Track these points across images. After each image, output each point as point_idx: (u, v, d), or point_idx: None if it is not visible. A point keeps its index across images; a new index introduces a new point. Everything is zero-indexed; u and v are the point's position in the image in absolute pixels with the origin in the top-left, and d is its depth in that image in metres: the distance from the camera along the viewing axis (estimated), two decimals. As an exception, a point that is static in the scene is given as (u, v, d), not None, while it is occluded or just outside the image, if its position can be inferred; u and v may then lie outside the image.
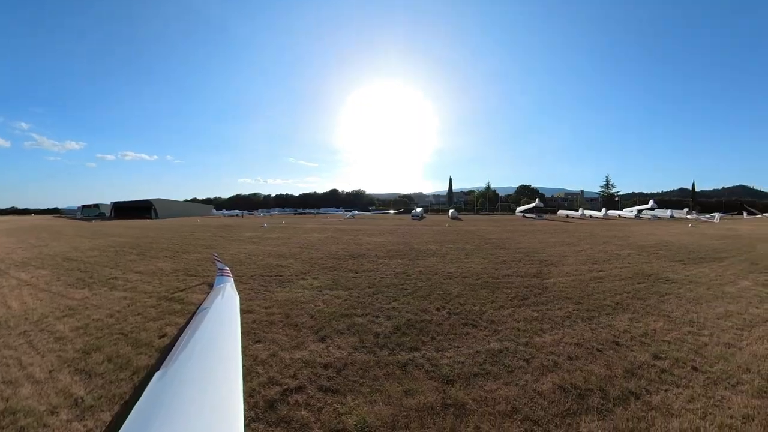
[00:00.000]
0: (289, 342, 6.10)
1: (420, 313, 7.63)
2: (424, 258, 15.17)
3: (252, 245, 20.28)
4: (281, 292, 9.39)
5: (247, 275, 11.48)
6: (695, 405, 4.35)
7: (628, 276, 11.86)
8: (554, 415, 4.09)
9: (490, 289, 9.72)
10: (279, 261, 14.36)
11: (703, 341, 6.37)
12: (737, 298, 9.42)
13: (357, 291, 9.46)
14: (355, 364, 5.28)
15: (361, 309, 7.92)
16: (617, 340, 6.32)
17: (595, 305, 8.41)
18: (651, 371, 5.18)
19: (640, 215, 72.25)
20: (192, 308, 7.75)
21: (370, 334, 6.47)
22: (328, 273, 11.85)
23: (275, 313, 7.61)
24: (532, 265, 13.58)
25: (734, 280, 11.64)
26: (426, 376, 4.94)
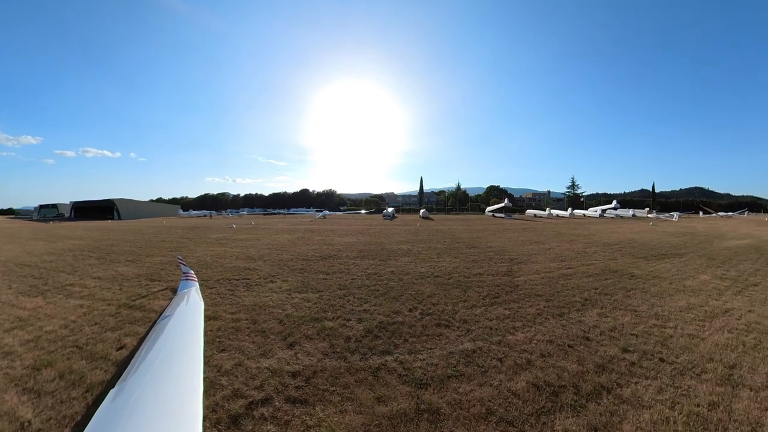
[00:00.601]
0: (256, 350, 5.81)
1: (392, 315, 7.52)
2: (396, 258, 15.16)
3: (219, 247, 19.55)
4: (249, 296, 9.03)
5: (214, 279, 10.99)
6: (664, 396, 4.53)
7: (595, 273, 12.32)
8: (529, 415, 4.08)
9: (462, 288, 9.78)
10: (247, 263, 13.86)
11: (669, 333, 6.69)
12: (697, 291, 10.01)
13: (327, 293, 9.24)
14: (325, 372, 5.07)
15: (332, 312, 7.71)
16: (587, 336, 6.49)
17: (565, 302, 8.63)
18: (621, 365, 5.34)
19: (604, 214, 76.52)
20: (154, 316, 7.31)
21: (340, 338, 6.28)
22: (297, 275, 11.54)
23: (242, 319, 7.26)
24: (502, 264, 13.84)
25: (694, 274, 12.44)
26: (399, 381, 4.82)
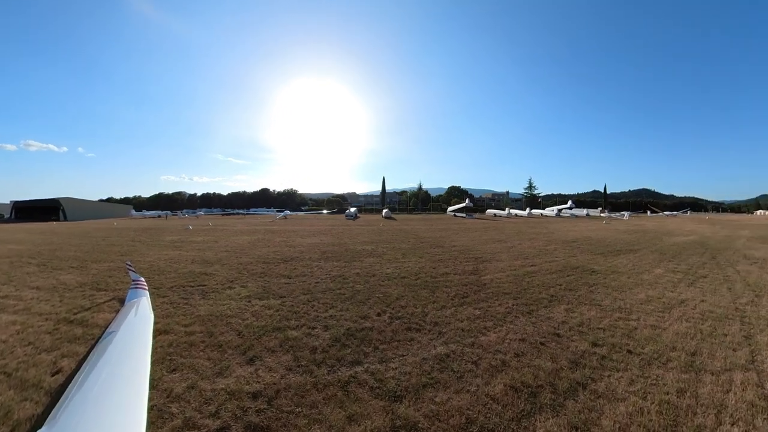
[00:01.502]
0: (212, 368, 5.35)
1: (360, 320, 7.32)
2: (361, 259, 15.00)
3: (174, 250, 18.39)
4: (204, 305, 8.45)
5: (166, 286, 10.23)
6: (636, 387, 4.74)
7: (557, 269, 12.85)
8: (510, 420, 4.05)
9: (430, 289, 9.79)
10: (203, 268, 13.09)
11: (633, 325, 7.06)
12: (654, 284, 10.73)
13: (290, 299, 8.87)
14: (289, 389, 4.71)
15: (296, 320, 7.36)
16: (557, 332, 6.67)
17: (533, 299, 8.88)
18: (592, 359, 5.53)
19: (560, 214, 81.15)
20: (97, 332, 6.57)
21: (305, 349, 5.97)
22: (258, 280, 11.04)
23: (196, 332, 6.71)
24: (468, 263, 14.08)
25: (649, 268, 13.39)
26: (371, 395, 4.57)
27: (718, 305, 8.56)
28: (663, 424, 3.98)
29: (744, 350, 5.97)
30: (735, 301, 9.01)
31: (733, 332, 6.79)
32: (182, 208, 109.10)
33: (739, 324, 7.27)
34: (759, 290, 10.12)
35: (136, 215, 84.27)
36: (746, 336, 6.63)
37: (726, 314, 7.89)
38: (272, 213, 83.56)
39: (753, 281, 11.35)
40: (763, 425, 4.00)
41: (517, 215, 78.81)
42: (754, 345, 6.21)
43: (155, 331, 5.67)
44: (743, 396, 4.58)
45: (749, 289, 10.23)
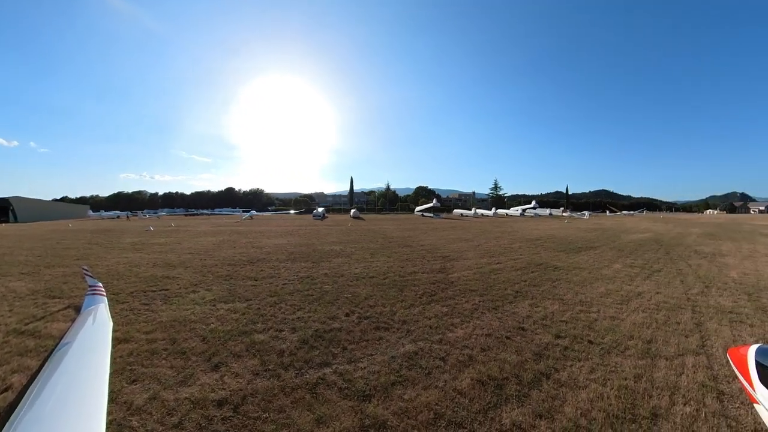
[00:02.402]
0: (175, 376, 5.12)
1: (328, 321, 7.26)
2: (329, 259, 14.92)
3: (134, 253, 17.46)
4: (167, 310, 8.07)
5: (126, 291, 9.68)
6: (596, 374, 5.02)
7: (522, 266, 13.32)
8: (477, 413, 4.15)
9: (399, 288, 9.87)
10: (166, 271, 12.51)
11: (593, 317, 7.46)
12: (613, 278, 11.35)
13: (257, 302, 8.67)
14: (256, 395, 4.59)
15: (262, 323, 7.20)
16: (522, 326, 6.91)
17: (498, 295, 9.16)
18: (555, 350, 5.78)
19: (524, 213, 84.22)
20: (50, 344, 6.10)
21: (273, 352, 5.85)
22: (223, 283, 10.70)
23: (158, 340, 6.40)
24: (435, 261, 14.32)
25: (608, 264, 14.19)
26: (339, 396, 4.55)
27: (672, 296, 9.20)
28: (621, 407, 4.23)
29: (695, 336, 6.47)
30: (687, 292, 9.70)
31: (686, 320, 7.34)
32: (143, 209, 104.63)
33: (691, 313, 7.85)
34: (708, 282, 10.97)
35: (93, 216, 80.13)
36: (697, 323, 7.18)
37: (679, 304, 8.48)
38: (238, 213, 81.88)
39: (703, 274, 12.31)
40: (712, 403, 4.36)
41: (483, 215, 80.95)
42: (704, 331, 6.74)
43: (114, 339, 5.38)
44: (695, 378, 4.97)
45: (700, 281, 11.07)
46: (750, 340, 6.35)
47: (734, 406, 4.32)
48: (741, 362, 2.99)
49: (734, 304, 8.60)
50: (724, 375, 5.02)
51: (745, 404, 4.30)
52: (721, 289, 10.11)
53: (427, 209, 74.62)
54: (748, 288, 10.21)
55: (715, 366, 5.32)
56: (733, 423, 4.01)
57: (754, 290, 9.95)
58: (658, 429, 3.89)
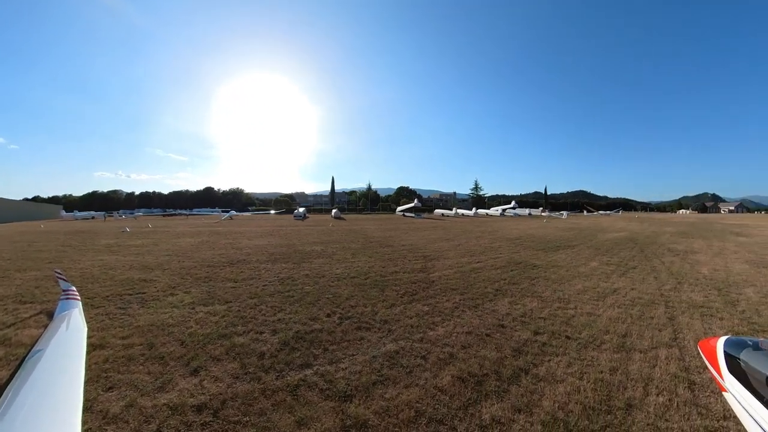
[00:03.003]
0: (153, 382, 4.98)
1: (309, 322, 7.21)
2: (310, 260, 14.83)
3: (110, 255, 16.86)
4: (144, 314, 7.84)
5: (101, 296, 9.34)
6: (573, 368, 5.18)
7: (502, 265, 13.55)
8: (457, 409, 4.21)
9: (380, 288, 9.89)
10: (143, 274, 12.15)
11: (571, 314, 7.67)
12: (589, 276, 11.68)
13: (237, 304, 8.53)
14: (236, 399, 4.51)
15: (242, 325, 7.09)
16: (502, 323, 7.04)
17: (479, 293, 9.29)
18: (534, 346, 5.92)
19: (504, 213, 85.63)
20: (22, 352, 5.82)
21: (253, 355, 5.77)
22: (202, 285, 10.47)
23: (135, 345, 6.21)
24: (416, 261, 14.41)
25: (585, 262, 14.60)
26: (321, 397, 4.53)
27: (646, 292, 9.55)
28: (597, 399, 4.37)
29: (668, 330, 6.75)
30: (660, 288, 10.07)
31: (659, 315, 7.64)
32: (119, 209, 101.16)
33: (664, 308, 8.17)
34: (681, 278, 11.45)
35: (66, 216, 76.19)
36: (670, 318, 7.49)
37: (653, 300, 8.81)
38: (217, 213, 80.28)
39: (676, 270, 12.84)
40: (684, 393, 4.58)
41: (463, 215, 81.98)
42: (676, 325, 7.05)
43: (89, 346, 5.18)
44: (667, 369, 5.20)
45: (672, 278, 11.52)
46: (720, 333, 6.64)
47: (705, 394, 4.55)
48: (711, 353, 3.14)
49: (705, 298, 9.00)
50: (696, 366, 5.26)
51: (714, 393, 4.52)
52: (692, 284, 10.55)
53: (409, 209, 75.05)
54: (718, 283, 10.70)
55: (686, 358, 5.57)
56: (703, 411, 4.21)
57: (724, 285, 10.45)
58: (633, 419, 4.04)
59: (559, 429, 3.84)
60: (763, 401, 2.45)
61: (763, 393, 2.46)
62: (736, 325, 7.18)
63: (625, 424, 3.97)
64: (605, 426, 3.92)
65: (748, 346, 2.81)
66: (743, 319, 7.51)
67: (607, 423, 3.96)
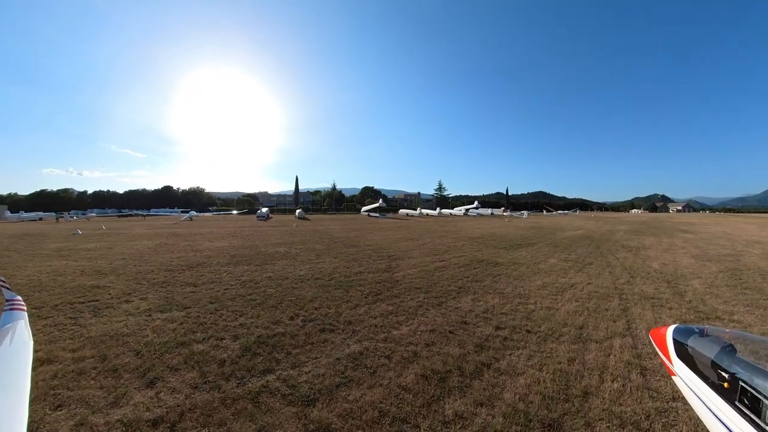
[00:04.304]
0: (105, 398, 4.64)
1: (272, 326, 7.05)
2: (273, 262, 14.54)
3: (59, 260, 15.63)
4: (97, 324, 7.32)
5: (50, 305, 8.63)
6: (533, 361, 5.39)
7: (465, 263, 13.84)
8: (421, 407, 4.26)
9: (344, 289, 9.84)
10: (96, 280, 11.36)
11: (531, 308, 7.97)
12: (549, 272, 12.17)
13: (196, 309, 8.20)
14: (195, 410, 4.31)
15: (202, 332, 6.81)
16: (465, 320, 7.20)
17: (442, 291, 9.44)
18: (496, 341, 6.10)
19: (467, 213, 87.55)
20: None
21: (213, 363, 5.55)
22: (159, 290, 9.96)
23: (87, 358, 5.78)
24: (381, 261, 14.47)
25: (545, 259, 15.19)
26: (283, 402, 4.43)
27: (602, 286, 10.08)
28: (556, 389, 4.57)
29: (622, 321, 7.18)
30: (615, 282, 10.65)
31: (614, 307, 8.10)
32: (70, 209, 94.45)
33: (618, 300, 8.67)
34: (634, 272, 12.18)
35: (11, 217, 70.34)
36: (624, 309, 7.96)
37: (608, 293, 9.30)
38: (176, 214, 77.03)
39: (629, 265, 13.66)
40: (636, 378, 4.90)
41: (428, 215, 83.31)
42: (630, 316, 7.52)
43: (35, 361, 4.78)
44: (621, 357, 5.54)
45: (626, 272, 12.24)
46: (669, 321, 7.12)
47: (655, 379, 4.89)
48: (661, 341, 3.35)
49: (656, 290, 9.64)
50: (647, 353, 5.63)
51: (664, 377, 4.87)
52: (644, 278, 11.26)
53: (374, 209, 75.27)
54: (668, 276, 11.51)
55: (639, 345, 5.95)
56: (654, 394, 4.53)
57: (673, 278, 11.26)
58: (589, 405, 4.26)
59: (519, 420, 3.96)
60: (708, 382, 2.65)
61: (708, 375, 2.66)
62: (684, 314, 7.73)
63: (582, 410, 4.17)
64: (563, 414, 4.09)
65: (694, 333, 3.02)
66: (690, 309, 8.10)
67: (566, 411, 4.14)
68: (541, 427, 3.88)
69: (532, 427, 3.86)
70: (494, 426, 3.88)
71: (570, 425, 3.91)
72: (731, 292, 9.59)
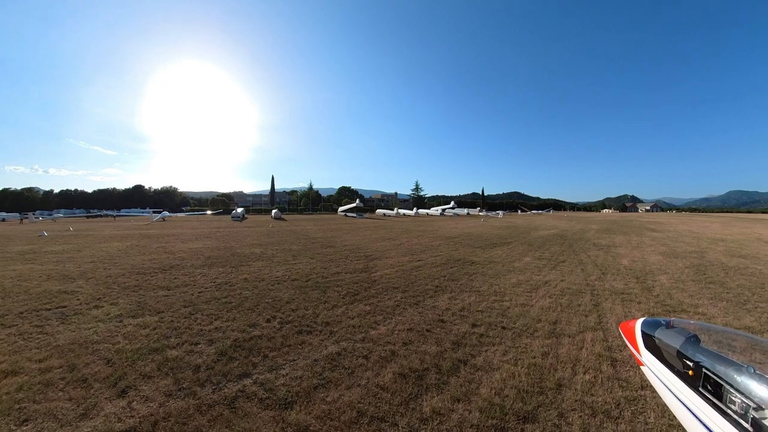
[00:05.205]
0: (75, 410, 4.44)
1: (248, 329, 6.95)
2: (249, 263, 14.33)
3: (24, 264, 14.81)
4: (65, 331, 6.98)
5: (14, 312, 8.16)
6: (508, 356, 5.56)
7: (442, 262, 14.03)
8: (399, 405, 4.31)
9: (322, 290, 9.81)
10: (63, 285, 10.83)
11: (506, 306, 8.18)
12: (523, 270, 12.48)
13: (170, 314, 7.98)
14: (169, 418, 4.20)
15: (176, 337, 6.63)
16: (442, 318, 7.32)
17: (419, 291, 9.55)
18: (472, 338, 6.24)
19: (444, 213, 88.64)
20: None
21: (188, 369, 5.41)
22: (131, 295, 9.62)
23: (54, 368, 5.51)
24: (358, 261, 14.49)
25: (519, 257, 15.57)
26: (260, 407, 4.38)
27: (574, 283, 10.43)
28: (531, 382, 4.73)
29: (593, 315, 7.48)
30: (587, 278, 11.03)
31: (585, 302, 8.42)
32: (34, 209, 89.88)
33: (590, 296, 9.00)
34: (605, 269, 12.65)
35: None
36: (595, 304, 8.27)
37: (580, 289, 9.63)
38: (148, 214, 74.55)
39: (600, 263, 14.17)
40: (607, 369, 5.15)
41: (405, 214, 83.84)
42: (601, 310, 7.83)
43: None
44: (593, 350, 5.78)
45: (597, 269, 12.69)
46: (638, 315, 7.45)
47: (625, 369, 5.13)
48: (630, 333, 3.54)
49: (625, 286, 10.05)
50: (617, 345, 5.90)
51: (633, 367, 5.13)
52: (614, 274, 11.71)
53: (351, 209, 75.25)
54: (637, 272, 12.02)
55: (609, 338, 6.21)
56: (624, 383, 4.76)
57: (642, 274, 11.77)
58: (563, 397, 4.43)
59: (495, 414, 4.07)
60: (674, 371, 2.83)
61: (674, 364, 2.84)
62: (652, 308, 8.10)
63: (556, 402, 4.33)
64: (538, 406, 4.24)
65: (661, 326, 3.21)
66: (658, 302, 8.50)
67: (540, 403, 4.29)
68: (516, 419, 4.00)
69: (507, 421, 3.97)
70: (471, 421, 3.97)
71: (544, 417, 4.05)
72: (696, 286, 10.10)
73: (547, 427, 3.90)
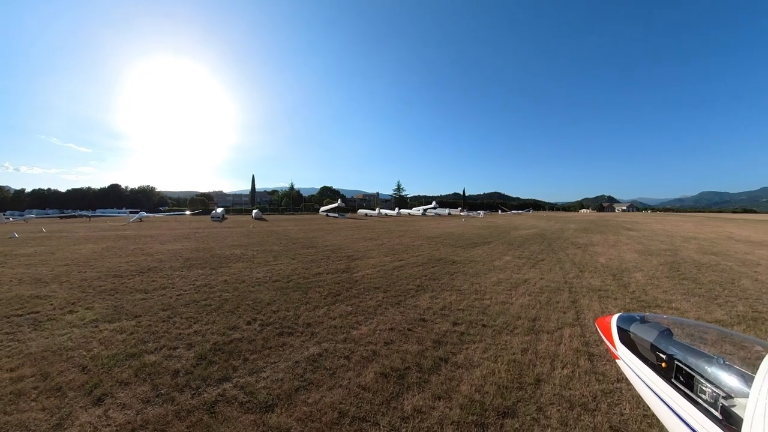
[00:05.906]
0: (48, 420, 4.26)
1: (228, 332, 6.85)
2: (229, 264, 14.12)
3: None
4: (37, 338, 6.70)
5: None
6: (489, 353, 5.66)
7: (423, 262, 14.13)
8: (380, 404, 4.34)
9: (303, 291, 9.75)
10: (35, 289, 10.39)
11: (486, 304, 8.31)
12: (503, 269, 12.68)
13: (148, 318, 7.77)
14: (147, 426, 4.09)
15: (154, 342, 6.47)
16: (423, 317, 7.38)
17: (401, 290, 9.61)
18: (453, 336, 6.32)
19: (425, 213, 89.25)
20: None
21: (166, 374, 5.29)
22: (107, 298, 9.32)
23: (26, 376, 5.28)
24: (340, 261, 14.46)
25: (500, 256, 15.80)
26: (241, 411, 4.33)
27: (553, 280, 10.67)
28: (510, 378, 4.83)
29: (571, 312, 7.68)
30: (565, 276, 11.29)
31: (564, 300, 8.62)
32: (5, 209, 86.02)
33: (568, 293, 9.22)
34: (582, 267, 12.98)
35: None
36: (573, 301, 8.50)
37: (558, 287, 9.86)
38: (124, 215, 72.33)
39: (578, 261, 14.54)
40: (584, 364, 5.31)
41: (386, 214, 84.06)
42: (578, 307, 8.05)
43: None
44: (571, 345, 5.95)
45: (575, 267, 13.01)
46: (614, 311, 7.64)
47: (602, 363, 5.31)
48: (606, 329, 3.67)
49: (602, 283, 10.33)
50: (594, 340, 6.09)
51: (609, 361, 5.30)
52: (592, 272, 12.03)
53: (332, 209, 74.95)
54: (613, 270, 12.37)
55: (587, 334, 6.40)
56: (600, 377, 4.93)
57: (618, 271, 12.12)
58: (541, 392, 4.54)
59: (475, 410, 4.14)
60: (648, 364, 2.95)
61: (648, 357, 2.97)
62: (628, 304, 8.37)
63: (535, 397, 4.44)
64: (517, 401, 4.33)
65: (636, 321, 3.34)
66: (633, 299, 8.78)
67: (519, 398, 4.39)
68: (495, 415, 4.07)
69: (487, 416, 4.04)
70: (451, 417, 4.02)
71: (523, 411, 4.14)
72: (670, 282, 10.46)
73: (526, 422, 3.98)
